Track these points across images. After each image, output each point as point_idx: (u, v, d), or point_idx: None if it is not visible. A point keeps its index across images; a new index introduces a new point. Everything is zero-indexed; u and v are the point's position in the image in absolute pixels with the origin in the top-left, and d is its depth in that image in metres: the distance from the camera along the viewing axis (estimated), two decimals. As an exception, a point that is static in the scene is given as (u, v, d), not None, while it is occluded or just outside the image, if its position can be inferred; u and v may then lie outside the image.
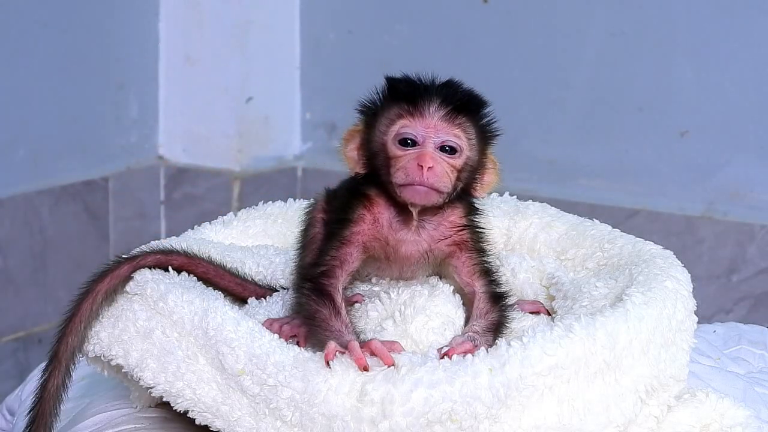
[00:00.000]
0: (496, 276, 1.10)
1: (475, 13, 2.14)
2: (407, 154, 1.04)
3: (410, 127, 1.04)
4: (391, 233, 1.08)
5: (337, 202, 1.13)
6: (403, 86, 1.07)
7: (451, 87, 1.07)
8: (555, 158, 2.10)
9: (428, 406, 0.94)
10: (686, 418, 1.07)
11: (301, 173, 2.36)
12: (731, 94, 1.94)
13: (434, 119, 1.04)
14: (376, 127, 1.07)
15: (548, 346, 0.97)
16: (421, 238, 1.08)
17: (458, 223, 1.09)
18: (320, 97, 2.33)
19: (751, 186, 1.95)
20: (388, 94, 1.07)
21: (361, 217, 1.08)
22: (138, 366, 1.06)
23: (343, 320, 1.03)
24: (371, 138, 1.07)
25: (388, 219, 1.08)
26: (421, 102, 1.05)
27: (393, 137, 1.05)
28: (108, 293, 1.09)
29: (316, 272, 1.07)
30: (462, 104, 1.06)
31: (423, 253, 1.09)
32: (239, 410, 1.01)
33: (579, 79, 2.07)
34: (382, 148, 1.06)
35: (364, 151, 1.08)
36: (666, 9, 1.98)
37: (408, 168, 1.03)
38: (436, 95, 1.05)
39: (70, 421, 1.19)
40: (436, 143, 1.04)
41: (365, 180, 1.09)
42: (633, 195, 2.04)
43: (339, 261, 1.07)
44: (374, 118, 1.08)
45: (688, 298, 1.09)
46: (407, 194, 1.04)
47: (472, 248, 1.10)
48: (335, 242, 1.08)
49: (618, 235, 1.21)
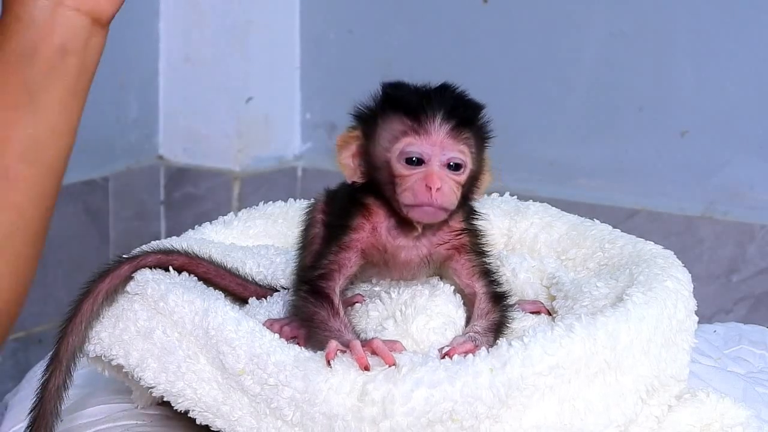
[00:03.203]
0: (496, 276, 1.10)
1: (475, 13, 2.14)
2: (413, 174, 1.03)
3: (416, 146, 1.03)
4: (389, 241, 1.07)
5: (336, 205, 1.13)
6: (403, 98, 1.05)
7: (451, 97, 1.05)
8: (555, 158, 2.10)
9: (429, 405, 0.94)
10: (687, 418, 1.07)
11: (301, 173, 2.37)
12: (731, 94, 1.95)
13: (440, 136, 1.03)
14: (376, 140, 1.05)
15: (549, 345, 0.97)
16: (420, 244, 1.08)
17: (457, 227, 1.09)
18: (320, 97, 2.34)
19: (751, 186, 1.95)
20: (388, 105, 1.05)
21: (360, 225, 1.07)
22: (139, 366, 1.06)
23: (342, 320, 1.03)
24: (371, 150, 1.06)
25: (386, 228, 1.07)
26: (425, 118, 1.03)
27: (398, 155, 1.03)
28: (109, 293, 1.09)
29: (313, 275, 1.07)
30: (465, 117, 1.05)
31: (422, 258, 1.09)
32: (240, 410, 1.01)
33: (579, 79, 2.08)
34: (385, 165, 1.04)
35: (362, 162, 1.07)
36: (666, 9, 1.98)
37: (416, 189, 1.02)
38: (439, 109, 1.03)
39: (69, 408, 1.19)
40: (442, 161, 1.03)
41: (363, 188, 1.08)
42: (633, 195, 2.04)
43: (337, 265, 1.07)
44: (373, 129, 1.06)
45: (688, 298, 1.09)
46: (415, 215, 1.04)
47: (471, 251, 1.10)
48: (334, 247, 1.07)
49: (618, 235, 1.21)
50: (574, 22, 2.06)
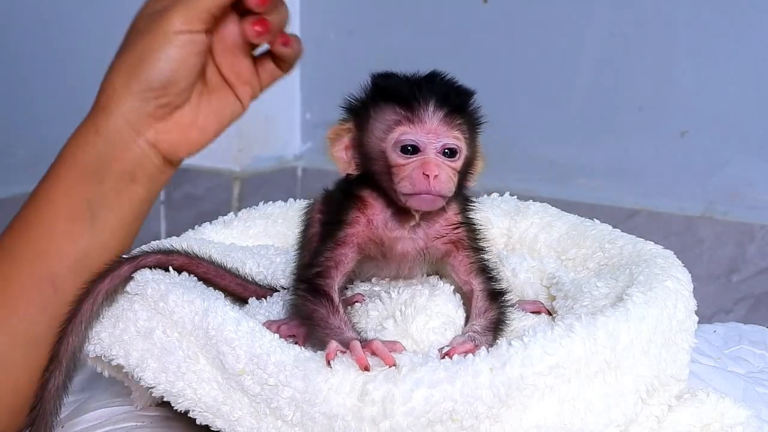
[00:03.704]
0: (493, 273, 1.10)
1: (475, 13, 2.14)
2: (410, 163, 1.03)
3: (411, 134, 1.03)
4: (386, 233, 1.07)
5: (332, 202, 1.13)
6: (394, 87, 1.04)
7: (442, 85, 1.05)
8: (555, 158, 2.10)
9: (429, 405, 0.94)
10: (687, 418, 1.07)
11: (301, 173, 2.37)
12: (731, 94, 1.95)
13: (434, 124, 1.03)
14: (369, 130, 1.05)
15: (549, 345, 0.97)
16: (417, 236, 1.08)
17: (454, 220, 1.09)
18: (320, 97, 2.34)
19: (751, 186, 1.95)
20: (380, 95, 1.05)
21: (356, 219, 1.07)
22: (139, 366, 1.06)
23: (342, 317, 1.03)
24: (364, 141, 1.06)
25: (383, 219, 1.07)
26: (418, 106, 1.03)
27: (393, 145, 1.03)
28: (109, 293, 1.09)
29: (311, 273, 1.07)
30: (458, 104, 1.05)
31: (419, 251, 1.09)
32: (240, 410, 1.01)
33: (579, 79, 2.08)
34: (380, 155, 1.04)
35: (356, 153, 1.07)
36: (666, 9, 1.98)
37: (414, 178, 1.02)
38: (431, 96, 1.03)
39: (69, 415, 1.19)
40: (437, 148, 1.03)
41: (358, 180, 1.08)
42: (633, 195, 2.04)
43: (334, 262, 1.07)
44: (365, 120, 1.06)
45: (688, 298, 1.09)
46: (414, 203, 1.03)
47: (469, 246, 1.10)
48: (330, 243, 1.07)
49: (618, 235, 1.21)
50: (574, 22, 2.06)
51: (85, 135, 1.13)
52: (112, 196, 1.13)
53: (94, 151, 1.12)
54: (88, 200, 1.12)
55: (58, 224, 1.12)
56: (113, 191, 1.13)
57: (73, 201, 1.12)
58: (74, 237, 1.11)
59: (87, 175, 1.12)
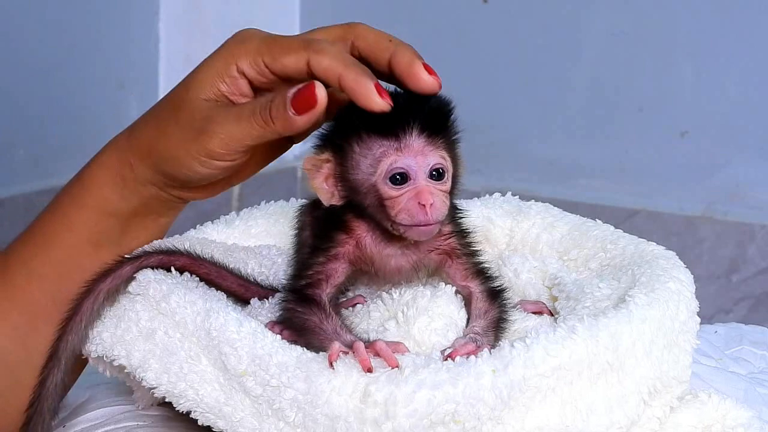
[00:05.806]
0: (490, 273, 1.10)
1: (475, 13, 2.14)
2: (403, 193, 1.01)
3: (400, 163, 1.01)
4: (376, 252, 1.07)
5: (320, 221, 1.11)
6: (374, 117, 1.00)
7: (422, 105, 1.02)
8: (555, 158, 2.10)
9: (431, 407, 0.94)
10: (689, 419, 1.07)
11: (301, 173, 2.37)
12: (731, 94, 1.95)
13: (420, 146, 1.01)
14: (355, 165, 1.03)
15: (551, 347, 0.97)
16: (409, 251, 1.07)
17: (444, 230, 1.08)
18: (320, 96, 2.33)
19: (751, 186, 1.96)
20: (361, 127, 1.02)
21: (344, 240, 1.06)
22: (140, 366, 1.06)
23: (335, 322, 1.02)
24: (349, 175, 1.03)
25: (372, 239, 1.06)
26: (403, 132, 1.01)
27: (383, 177, 1.01)
28: (110, 293, 1.09)
29: (300, 284, 1.06)
30: (440, 122, 1.03)
31: (413, 264, 1.08)
32: (242, 411, 1.01)
33: (579, 79, 2.08)
34: (371, 189, 1.02)
35: (340, 186, 1.05)
36: (666, 9, 1.98)
37: (411, 209, 1.01)
38: (414, 120, 1.01)
39: (69, 414, 1.19)
40: (426, 172, 1.02)
41: (342, 206, 1.06)
42: (633, 195, 2.04)
43: (324, 275, 1.06)
44: (348, 153, 1.03)
45: (690, 300, 1.09)
46: (414, 234, 1.03)
47: (462, 254, 1.09)
48: (320, 257, 1.06)
49: (620, 235, 1.21)
50: (574, 22, 2.07)
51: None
52: (137, 227, 1.13)
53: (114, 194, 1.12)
54: (112, 227, 1.11)
55: (84, 248, 1.11)
56: (139, 224, 1.12)
57: (99, 227, 1.11)
58: (102, 259, 1.10)
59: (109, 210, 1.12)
